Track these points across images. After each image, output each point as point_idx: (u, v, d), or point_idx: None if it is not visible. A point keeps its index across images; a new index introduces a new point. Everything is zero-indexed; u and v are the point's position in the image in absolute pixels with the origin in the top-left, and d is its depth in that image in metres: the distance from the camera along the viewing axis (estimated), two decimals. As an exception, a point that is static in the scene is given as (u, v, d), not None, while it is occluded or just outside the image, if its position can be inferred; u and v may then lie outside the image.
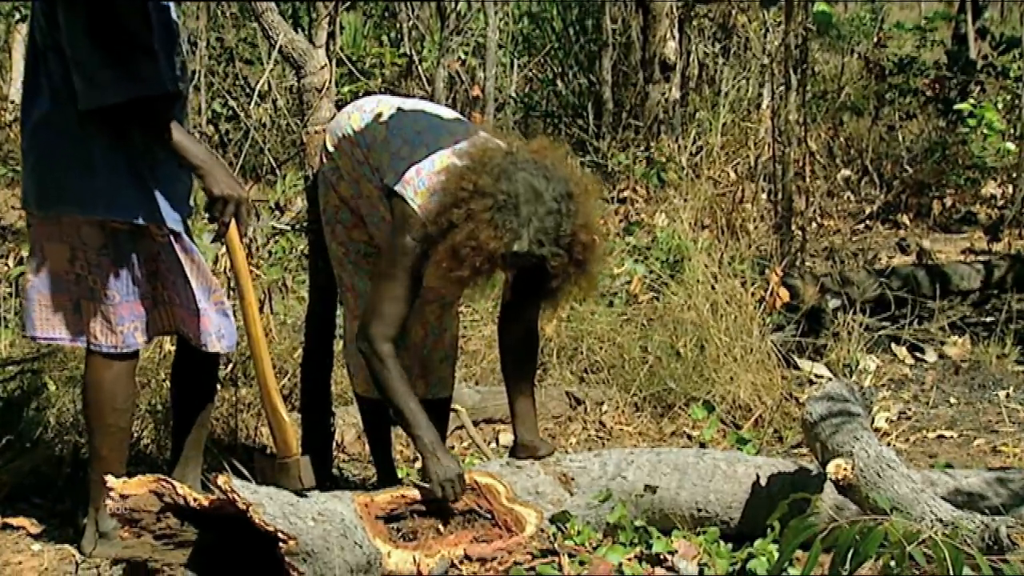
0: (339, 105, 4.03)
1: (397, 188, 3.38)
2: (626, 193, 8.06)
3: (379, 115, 3.59)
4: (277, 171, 5.57)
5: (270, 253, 5.43)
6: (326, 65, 4.02)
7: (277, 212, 5.39)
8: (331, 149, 3.68)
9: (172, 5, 3.48)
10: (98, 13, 3.10)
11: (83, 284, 3.35)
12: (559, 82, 10.75)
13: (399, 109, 3.62)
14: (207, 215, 3.35)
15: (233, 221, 3.31)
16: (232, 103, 8.07)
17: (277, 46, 3.84)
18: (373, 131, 3.56)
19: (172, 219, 3.39)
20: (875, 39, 11.28)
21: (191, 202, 3.53)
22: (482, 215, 3.16)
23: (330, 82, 4.00)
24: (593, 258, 3.34)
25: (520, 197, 3.17)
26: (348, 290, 3.80)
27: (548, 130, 10.32)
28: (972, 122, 7.70)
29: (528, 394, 3.71)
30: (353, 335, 3.69)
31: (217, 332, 3.48)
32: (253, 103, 6.97)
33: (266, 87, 6.98)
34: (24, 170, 3.44)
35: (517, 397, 3.70)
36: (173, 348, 3.65)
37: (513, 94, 10.08)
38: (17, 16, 9.74)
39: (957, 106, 8.23)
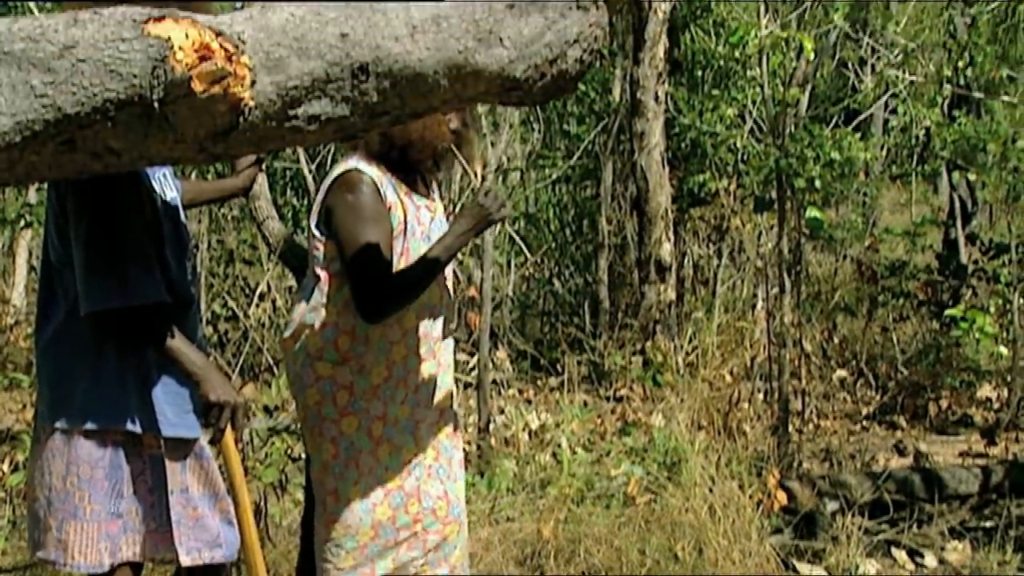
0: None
1: (327, 198, 3.67)
2: (623, 392, 8.07)
3: None
4: (274, 370, 5.58)
5: (267, 455, 5.41)
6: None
7: (271, 415, 5.38)
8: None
9: (182, 209, 3.57)
10: (98, 223, 3.16)
11: (69, 502, 3.32)
12: (555, 281, 10.87)
13: None
14: (203, 420, 3.35)
15: (229, 426, 3.31)
16: (232, 303, 8.16)
17: (277, 253, 3.92)
18: None
19: (186, 427, 3.38)
20: (867, 243, 11.46)
21: None
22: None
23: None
24: None
25: None
26: (329, 494, 3.78)
27: (545, 328, 10.40)
28: (964, 326, 7.77)
29: None
30: (322, 545, 3.70)
31: (213, 541, 3.44)
32: (254, 304, 7.04)
33: (266, 288, 7.06)
34: (39, 384, 3.46)
35: None
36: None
37: (510, 293, 10.18)
38: (23, 222, 9.95)
39: (948, 311, 8.31)
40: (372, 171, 3.68)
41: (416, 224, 3.77)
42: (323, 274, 3.72)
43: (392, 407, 3.79)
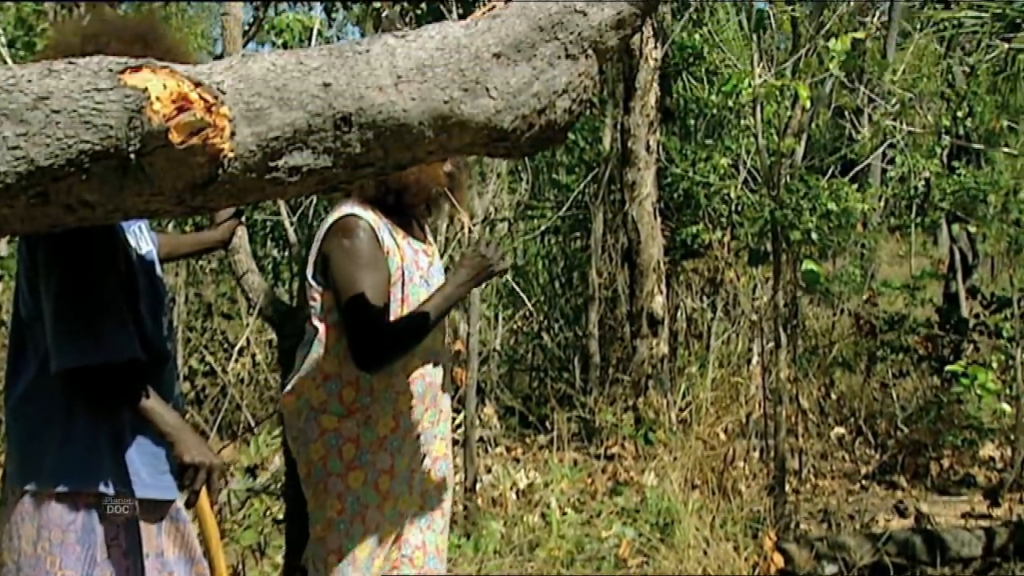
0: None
1: (323, 245, 3.63)
2: (614, 450, 7.95)
3: None
4: (254, 428, 5.47)
5: (245, 517, 5.29)
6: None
7: (250, 475, 5.26)
8: None
9: (158, 263, 3.47)
10: (70, 277, 3.07)
11: (40, 567, 3.19)
12: (545, 335, 10.76)
13: None
14: (178, 482, 3.24)
15: (204, 489, 3.20)
16: (209, 359, 8.05)
17: (257, 307, 3.82)
18: None
19: (161, 489, 3.27)
20: (865, 296, 11.38)
21: None
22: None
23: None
24: None
25: None
26: (332, 553, 3.68)
27: (533, 384, 10.30)
28: (965, 382, 7.66)
29: None
30: None
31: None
32: (233, 359, 6.93)
33: (245, 343, 6.97)
34: (7, 444, 3.36)
35: None
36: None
37: (498, 347, 10.06)
38: (-5, 277, 9.90)
39: (949, 367, 8.22)
40: (368, 216, 3.65)
41: (414, 268, 3.73)
42: (321, 326, 3.68)
43: (399, 459, 3.74)
